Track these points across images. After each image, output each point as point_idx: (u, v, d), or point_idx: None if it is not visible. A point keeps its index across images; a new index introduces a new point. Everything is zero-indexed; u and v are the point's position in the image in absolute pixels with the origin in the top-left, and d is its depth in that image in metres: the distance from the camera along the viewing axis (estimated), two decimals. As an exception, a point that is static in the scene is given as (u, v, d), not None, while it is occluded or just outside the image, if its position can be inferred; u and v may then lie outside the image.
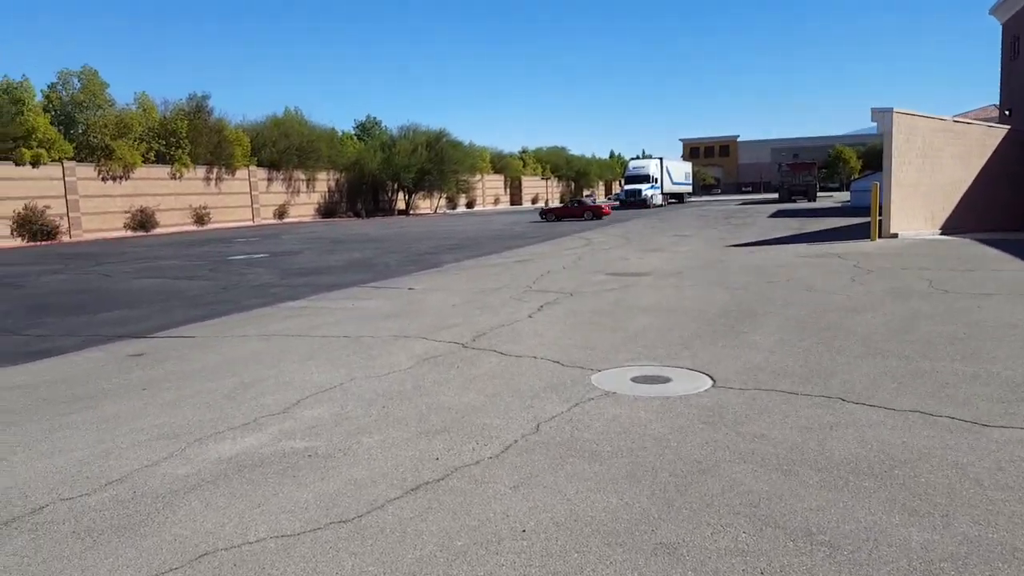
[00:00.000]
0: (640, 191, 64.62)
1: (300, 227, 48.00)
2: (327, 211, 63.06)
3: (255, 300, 14.44)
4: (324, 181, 63.11)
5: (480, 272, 17.92)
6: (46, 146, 40.24)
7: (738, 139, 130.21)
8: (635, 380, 7.34)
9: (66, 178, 41.65)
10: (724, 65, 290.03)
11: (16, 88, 40.94)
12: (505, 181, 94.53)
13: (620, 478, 4.96)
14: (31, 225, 38.87)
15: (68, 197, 41.76)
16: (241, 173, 54.09)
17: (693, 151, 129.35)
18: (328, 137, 63.74)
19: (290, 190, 59.44)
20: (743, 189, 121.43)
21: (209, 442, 5.96)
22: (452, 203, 77.94)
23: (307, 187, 61.16)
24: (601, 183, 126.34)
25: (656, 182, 67.54)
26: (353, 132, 75.18)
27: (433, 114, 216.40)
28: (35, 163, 39.68)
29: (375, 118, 78.03)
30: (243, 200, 54.64)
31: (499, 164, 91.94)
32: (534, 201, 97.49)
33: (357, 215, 64.29)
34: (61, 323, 12.58)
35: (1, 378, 8.57)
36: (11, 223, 38.46)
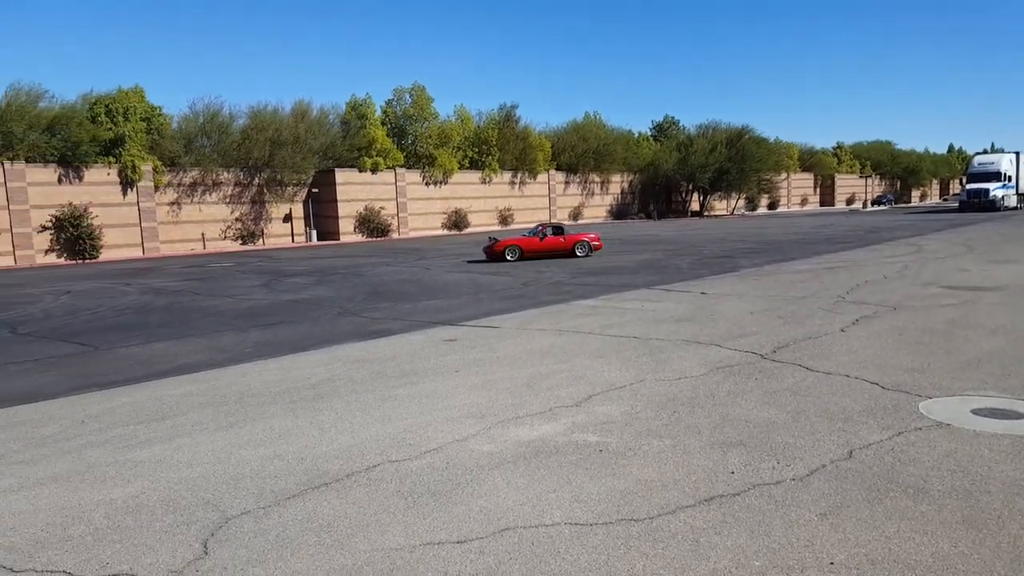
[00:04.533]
0: (987, 191, 54.97)
1: (592, 228, 49.57)
2: (618, 212, 64.31)
3: (550, 297, 15.18)
4: (617, 183, 64.41)
5: (782, 279, 16.79)
6: (383, 155, 46.77)
7: None
8: (976, 412, 6.25)
9: (397, 183, 48.01)
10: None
11: (361, 105, 48.22)
12: (815, 180, 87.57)
13: (954, 522, 4.25)
14: (369, 223, 45.55)
15: (398, 200, 48.10)
16: (541, 177, 57.50)
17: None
18: (624, 139, 64.91)
19: (584, 192, 61.69)
20: None
21: (510, 425, 6.36)
22: (751, 204, 74.38)
23: (601, 189, 62.97)
24: (935, 181, 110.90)
25: (1009, 180, 56.87)
26: (649, 133, 75.46)
27: (735, 111, 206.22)
28: (374, 170, 46.36)
29: (673, 118, 77.37)
30: (541, 202, 58.04)
31: (808, 161, 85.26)
32: (849, 202, 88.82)
33: (648, 216, 64.53)
34: (391, 308, 14.46)
35: (348, 352, 10.10)
36: (354, 221, 45.42)
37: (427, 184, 50.04)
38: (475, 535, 4.32)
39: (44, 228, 34.06)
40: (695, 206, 69.09)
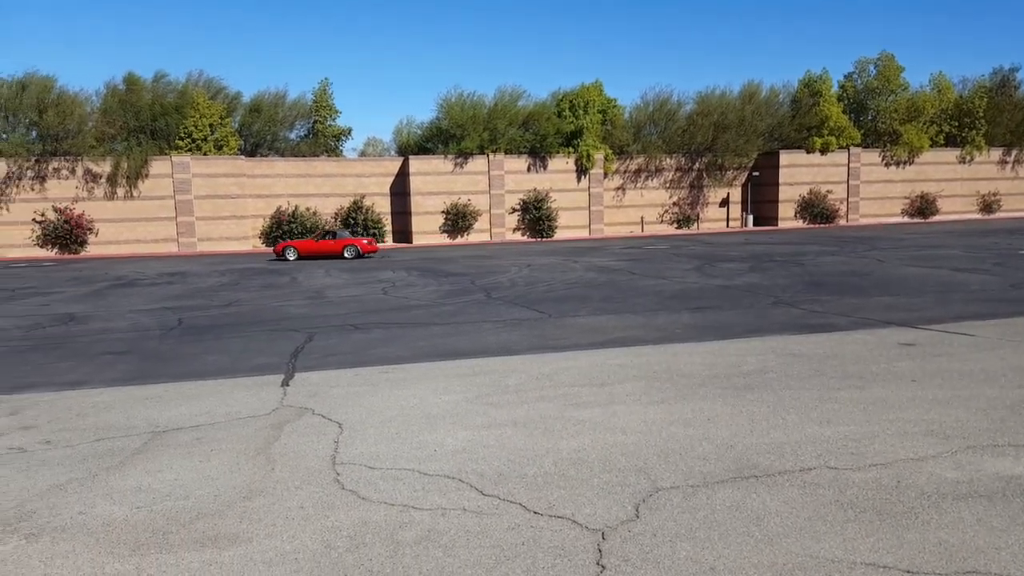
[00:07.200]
0: None
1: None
2: None
3: (1049, 302, 12.20)
4: None
5: None
6: (835, 134, 43.12)
7: None
8: None
9: (850, 164, 43.85)
10: None
11: (816, 81, 45.10)
12: None
13: None
14: (812, 208, 42.68)
15: (850, 182, 43.96)
16: (1046, 155, 46.53)
17: None
18: None
19: None
20: None
21: (984, 453, 5.25)
22: None
23: None
24: None
25: None
26: None
27: None
28: (823, 150, 43.06)
29: None
30: (1044, 186, 47.04)
31: None
32: None
33: None
34: (833, 302, 13.30)
35: (782, 344, 9.61)
36: (795, 206, 42.90)
37: (887, 165, 44.68)
38: (930, 569, 3.66)
39: (514, 210, 40.09)
40: None
